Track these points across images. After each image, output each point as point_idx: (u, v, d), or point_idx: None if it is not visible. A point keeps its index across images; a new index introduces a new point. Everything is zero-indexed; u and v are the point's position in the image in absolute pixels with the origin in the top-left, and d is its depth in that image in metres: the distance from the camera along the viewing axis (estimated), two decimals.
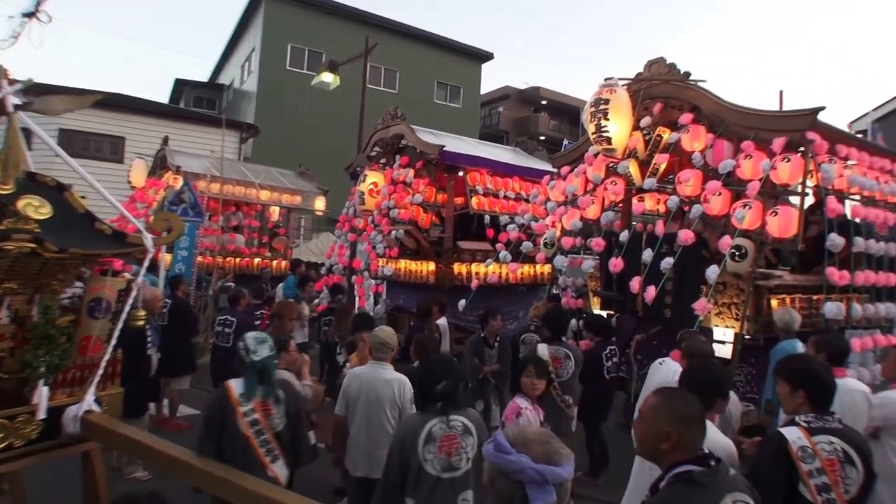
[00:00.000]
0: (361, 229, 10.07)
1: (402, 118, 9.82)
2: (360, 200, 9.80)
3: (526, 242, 7.13)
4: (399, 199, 9.28)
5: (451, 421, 3.03)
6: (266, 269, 12.25)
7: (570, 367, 5.13)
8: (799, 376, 2.76)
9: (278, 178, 13.73)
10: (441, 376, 3.08)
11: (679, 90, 6.31)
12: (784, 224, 5.11)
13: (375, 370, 4.08)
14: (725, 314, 5.71)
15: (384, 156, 10.40)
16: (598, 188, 7.04)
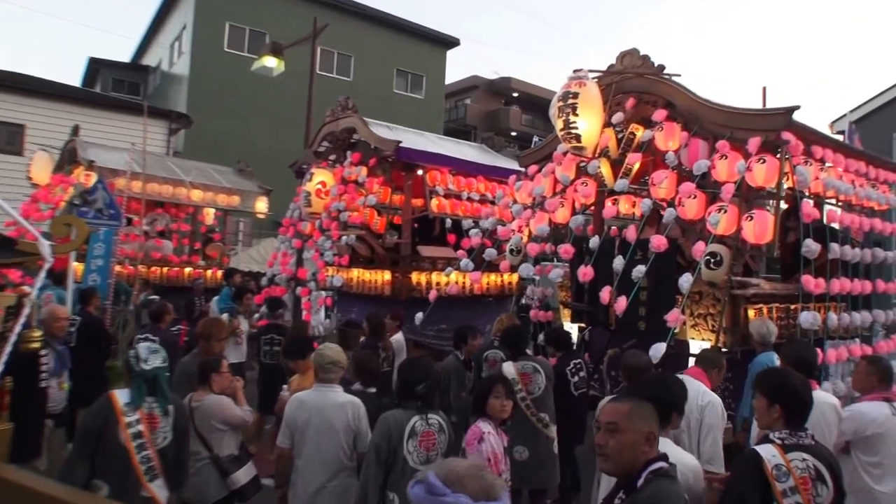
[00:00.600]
0: (308, 234, 10.12)
1: (353, 110, 9.93)
2: (307, 202, 9.86)
3: (489, 249, 7.34)
4: (350, 201, 9.38)
5: (430, 419, 3.79)
6: (199, 280, 12.17)
7: (540, 382, 5.33)
8: (777, 391, 3.00)
9: (213, 176, 13.68)
10: (422, 378, 3.86)
11: (652, 84, 6.64)
12: (760, 229, 5.46)
13: (324, 394, 4.12)
14: (701, 326, 6.04)
15: (334, 152, 10.48)
16: (567, 189, 7.31)
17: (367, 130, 9.59)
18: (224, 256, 14.06)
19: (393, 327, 7.61)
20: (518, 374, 5.31)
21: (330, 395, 4.14)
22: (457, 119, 37.93)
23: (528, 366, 5.39)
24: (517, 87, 38.70)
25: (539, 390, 5.34)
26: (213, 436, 4.30)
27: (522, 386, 5.28)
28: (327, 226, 9.45)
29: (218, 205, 13.50)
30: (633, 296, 5.78)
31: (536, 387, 5.34)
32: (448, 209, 9.76)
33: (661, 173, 6.27)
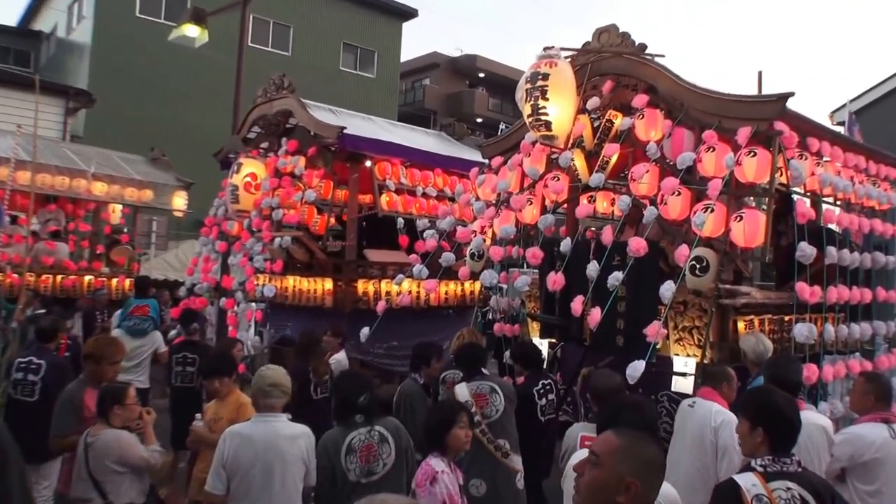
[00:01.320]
0: (235, 236, 10.11)
1: (290, 89, 9.94)
2: (234, 197, 9.85)
3: (447, 253, 7.42)
4: (285, 197, 9.39)
5: (373, 431, 4.26)
6: (101, 291, 12.02)
7: (498, 404, 5.40)
8: (759, 412, 3.15)
9: (120, 166, 13.46)
10: (362, 390, 4.33)
11: (633, 66, 6.83)
12: (750, 231, 5.66)
13: (271, 425, 4.17)
14: (686, 340, 6.23)
15: (266, 139, 10.46)
16: (536, 185, 7.43)
17: (305, 114, 9.60)
18: (133, 262, 13.82)
19: (334, 345, 7.66)
20: (472, 396, 5.39)
21: (277, 425, 4.18)
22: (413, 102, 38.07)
23: (483, 386, 5.47)
24: (484, 67, 39.06)
25: (496, 413, 5.41)
26: (109, 479, 4.19)
27: (477, 409, 5.35)
28: (258, 226, 9.44)
29: (126, 200, 13.24)
30: (610, 306, 5.91)
31: (493, 409, 5.41)
32: (400, 207, 9.82)
33: (642, 167, 6.42)
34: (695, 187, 6.16)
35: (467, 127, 33.10)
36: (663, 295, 5.64)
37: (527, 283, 7.04)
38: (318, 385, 6.66)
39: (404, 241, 9.85)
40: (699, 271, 5.73)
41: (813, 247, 5.65)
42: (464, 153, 11.11)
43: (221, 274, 10.61)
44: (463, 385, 5.49)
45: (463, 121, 35.64)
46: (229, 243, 10.38)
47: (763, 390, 3.53)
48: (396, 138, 10.38)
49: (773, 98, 5.88)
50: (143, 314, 8.30)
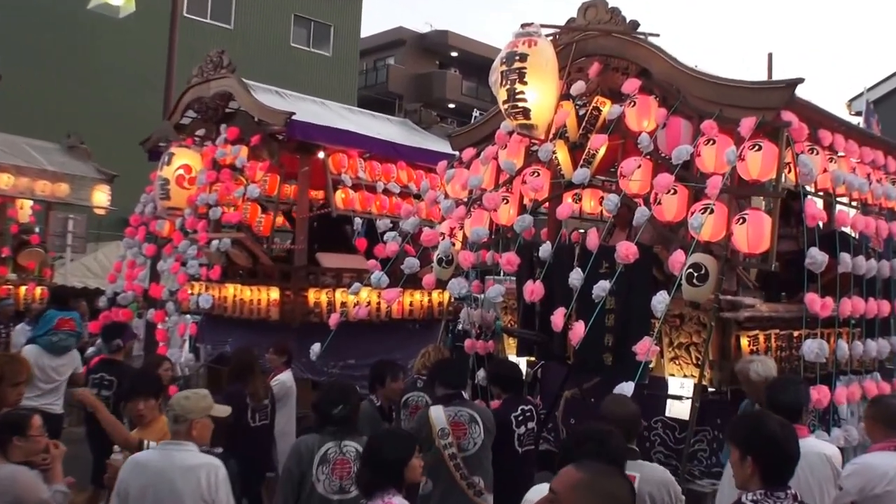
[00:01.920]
0: (165, 238, 10.04)
1: (230, 68, 9.88)
2: (164, 193, 9.77)
3: (411, 259, 7.41)
4: (225, 192, 9.35)
5: (345, 446, 4.57)
6: (6, 301, 11.91)
7: (477, 436, 5.40)
8: (749, 439, 3.19)
9: (30, 155, 13.28)
10: (338, 401, 4.65)
11: (623, 46, 6.85)
12: (754, 235, 5.70)
13: (170, 454, 4.21)
14: (682, 359, 6.24)
15: (203, 125, 10.40)
16: (513, 181, 7.43)
17: (248, 97, 9.54)
18: (45, 267, 13.68)
19: (277, 364, 7.64)
20: (450, 424, 5.37)
21: (177, 455, 4.19)
22: (375, 85, 38.02)
23: (463, 413, 5.46)
24: (456, 45, 39.11)
25: (474, 447, 5.41)
26: None
27: (454, 439, 5.34)
28: (192, 226, 9.39)
29: (37, 195, 13.12)
30: (596, 320, 5.91)
31: (471, 442, 5.41)
32: (358, 205, 9.81)
33: (633, 161, 6.43)
34: (692, 185, 6.18)
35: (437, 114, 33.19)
36: (656, 307, 5.66)
37: (501, 294, 7.02)
38: (256, 411, 6.62)
39: (362, 245, 9.87)
40: (697, 280, 5.74)
41: (824, 253, 5.70)
42: (431, 144, 11.11)
43: (149, 281, 10.57)
44: (440, 409, 5.46)
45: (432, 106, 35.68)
46: (159, 246, 10.28)
47: (755, 415, 3.63)
48: (354, 126, 10.34)
49: (781, 85, 5.93)
50: (71, 329, 8.18)
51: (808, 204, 5.94)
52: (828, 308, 5.89)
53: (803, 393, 4.69)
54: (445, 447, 5.35)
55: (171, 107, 10.95)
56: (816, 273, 5.73)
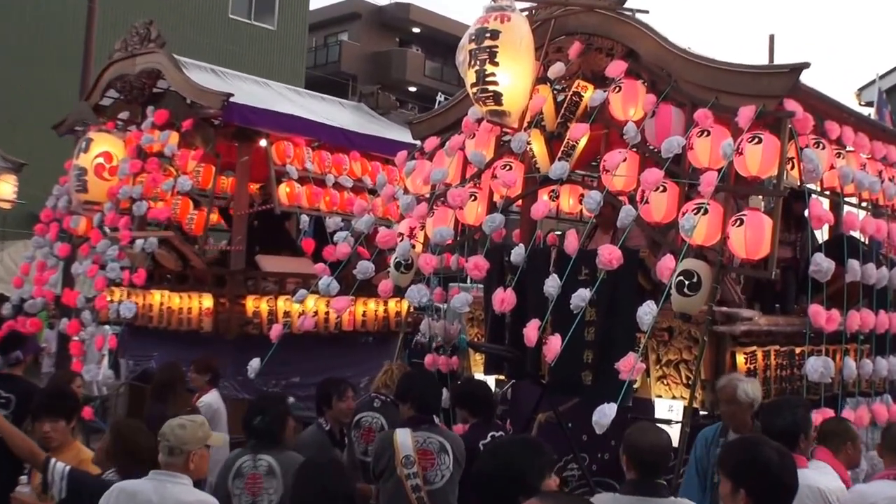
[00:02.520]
0: (81, 236, 9.94)
1: (159, 42, 9.80)
2: (81, 184, 9.66)
3: (364, 262, 7.37)
4: (151, 185, 9.25)
5: (258, 460, 4.82)
6: None
7: (445, 468, 5.33)
8: (742, 469, 3.21)
9: None
10: (259, 411, 4.97)
11: (608, 24, 6.88)
12: (753, 238, 5.72)
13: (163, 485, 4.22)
14: (671, 378, 6.29)
15: (126, 107, 10.34)
16: (482, 175, 7.43)
17: (179, 75, 9.48)
18: None
19: (202, 384, 7.53)
20: (416, 451, 5.30)
21: (171, 488, 4.22)
22: (326, 64, 37.85)
23: (432, 440, 5.37)
24: (419, 20, 39.06)
25: (441, 480, 5.32)
26: None
27: (419, 469, 5.28)
28: (113, 223, 9.23)
29: None
30: (574, 334, 5.91)
31: (438, 474, 5.32)
32: (305, 201, 9.81)
33: (618, 154, 6.44)
34: (684, 182, 6.23)
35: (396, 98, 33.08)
36: (642, 319, 5.64)
37: (468, 303, 7.01)
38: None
39: (309, 246, 9.80)
40: (688, 289, 5.75)
41: (831, 260, 5.74)
42: (389, 132, 11.14)
43: (63, 286, 10.45)
44: (407, 433, 5.38)
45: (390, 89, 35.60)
46: (74, 246, 10.17)
47: (748, 442, 3.58)
48: (301, 110, 10.35)
49: (784, 70, 5.98)
50: None
51: (812, 204, 6.03)
52: (834, 321, 5.93)
53: (802, 417, 4.69)
54: (409, 477, 5.26)
55: (89, 85, 10.82)
56: (822, 282, 5.77)
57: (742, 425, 5.13)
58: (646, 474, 4.07)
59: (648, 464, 4.07)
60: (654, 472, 4.09)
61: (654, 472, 4.10)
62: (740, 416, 5.17)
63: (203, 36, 23.75)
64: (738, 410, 5.18)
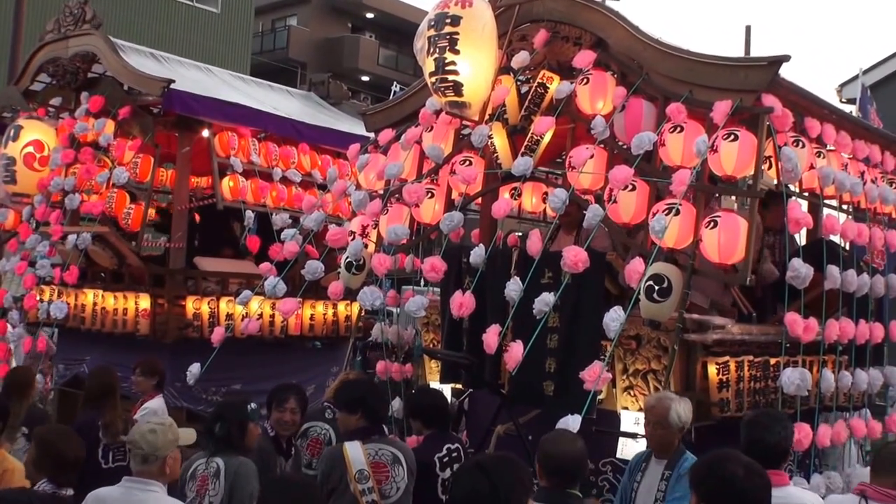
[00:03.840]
0: (9, 231, 9.86)
1: (95, 23, 9.68)
2: (9, 175, 9.59)
3: (313, 262, 7.30)
4: (85, 176, 9.16)
5: (210, 462, 5.03)
6: None
7: (400, 479, 5.33)
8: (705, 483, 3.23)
9: None
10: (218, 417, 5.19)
11: (576, 11, 6.80)
12: (727, 241, 5.66)
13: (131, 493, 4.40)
14: (639, 388, 6.22)
15: (59, 92, 10.24)
16: (440, 171, 7.35)
17: (116, 59, 9.37)
18: None
19: (147, 389, 7.38)
20: (369, 465, 5.27)
21: (140, 495, 4.38)
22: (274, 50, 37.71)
23: (385, 452, 5.37)
24: (373, 5, 39.01)
25: (397, 492, 5.33)
26: None
27: (374, 485, 5.26)
28: (44, 216, 9.18)
29: None
30: (537, 341, 5.86)
31: (394, 486, 5.33)
32: (250, 195, 9.77)
33: (584, 150, 6.38)
34: (655, 180, 6.17)
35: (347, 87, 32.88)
36: (609, 326, 5.60)
37: (423, 307, 6.89)
38: (110, 448, 6.39)
39: (254, 244, 9.73)
40: (658, 295, 5.66)
41: (809, 265, 5.70)
42: (341, 123, 11.12)
43: None
44: (357, 445, 5.33)
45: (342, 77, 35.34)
46: (1, 241, 10.11)
47: (717, 457, 3.53)
48: (247, 99, 10.30)
49: (762, 63, 5.93)
50: None
51: (791, 206, 5.95)
52: (812, 331, 5.90)
53: (791, 432, 4.69)
54: (364, 493, 5.25)
55: (18, 69, 10.66)
56: (799, 289, 5.74)
57: (666, 450, 5.02)
58: (557, 483, 4.22)
59: (560, 472, 4.23)
60: (566, 480, 4.23)
61: (567, 481, 4.23)
62: (667, 440, 5.03)
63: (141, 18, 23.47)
64: (667, 434, 5.03)
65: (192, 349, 8.26)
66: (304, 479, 5.28)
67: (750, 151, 5.77)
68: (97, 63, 9.73)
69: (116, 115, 9.22)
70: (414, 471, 5.43)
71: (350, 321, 10.03)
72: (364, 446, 5.32)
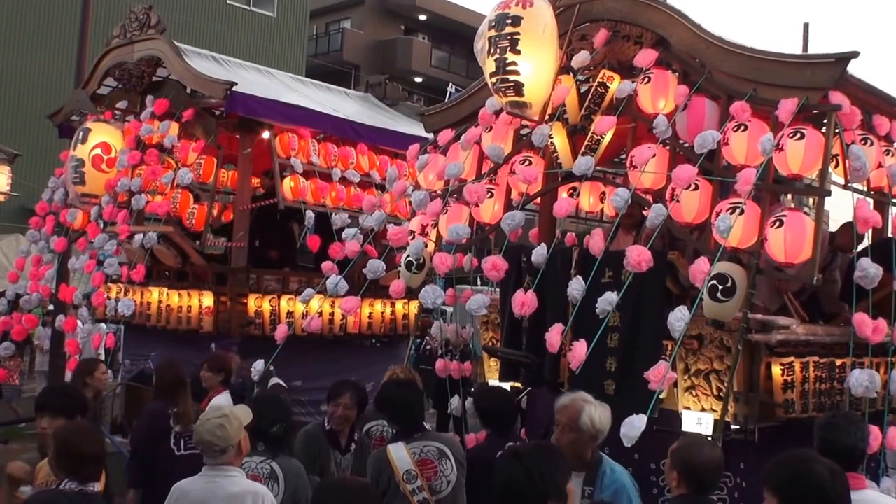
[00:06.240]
0: (78, 230, 9.90)
1: (159, 28, 9.77)
2: (78, 176, 9.64)
3: (374, 261, 7.23)
4: (151, 177, 9.21)
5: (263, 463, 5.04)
6: None
7: (449, 473, 5.30)
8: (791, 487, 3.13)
9: None
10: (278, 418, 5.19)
11: (637, 9, 6.69)
12: (794, 241, 5.54)
13: (213, 481, 4.57)
14: (701, 388, 6.08)
15: (125, 96, 10.31)
16: (500, 170, 7.28)
17: (180, 63, 9.45)
18: None
19: (215, 384, 7.37)
20: (416, 464, 5.24)
21: (221, 482, 4.56)
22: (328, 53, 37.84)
23: (430, 448, 5.34)
24: (426, 6, 39.01)
25: (447, 487, 5.29)
26: None
27: (423, 481, 5.23)
28: (111, 216, 9.18)
29: None
30: (599, 340, 5.78)
31: (444, 481, 5.29)
32: (310, 196, 9.75)
33: (646, 150, 6.30)
34: (719, 179, 6.06)
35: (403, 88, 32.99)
36: (673, 326, 5.50)
37: (484, 305, 6.80)
38: (181, 436, 6.46)
39: (314, 244, 9.68)
40: (722, 294, 5.56)
41: (877, 265, 5.56)
42: (399, 124, 11.13)
43: (58, 282, 10.39)
44: (400, 446, 5.31)
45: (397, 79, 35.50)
46: (70, 240, 10.10)
47: (798, 459, 3.45)
48: (307, 101, 10.31)
49: (829, 59, 5.79)
50: None
51: (858, 205, 5.85)
52: (881, 332, 5.72)
53: (867, 434, 4.54)
54: (414, 492, 5.23)
55: (85, 73, 10.77)
56: (868, 289, 5.60)
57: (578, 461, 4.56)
58: (698, 490, 4.07)
59: (702, 480, 4.07)
60: (706, 487, 4.11)
61: (706, 488, 4.12)
62: (579, 448, 4.65)
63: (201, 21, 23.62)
64: (577, 440, 4.65)
65: (256, 346, 8.43)
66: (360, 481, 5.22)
67: (817, 150, 5.65)
68: (161, 67, 9.81)
69: (180, 117, 9.28)
70: (463, 462, 5.43)
71: (408, 319, 10.07)
72: (408, 446, 5.31)
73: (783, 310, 6.49)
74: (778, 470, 3.33)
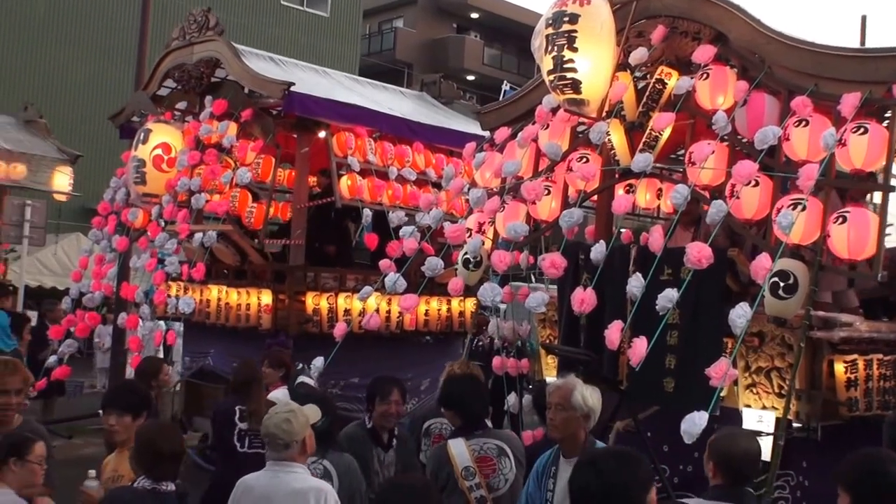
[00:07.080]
0: (139, 229, 10.01)
1: (217, 30, 9.85)
2: (139, 176, 9.76)
3: (432, 258, 7.23)
4: (210, 176, 9.29)
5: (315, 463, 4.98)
6: None
7: (507, 471, 5.29)
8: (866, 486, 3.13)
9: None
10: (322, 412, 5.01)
11: (695, 5, 6.65)
12: (857, 237, 5.48)
13: (276, 476, 4.58)
14: (762, 386, 6.03)
15: (184, 97, 10.43)
16: (557, 168, 7.27)
17: (238, 64, 9.51)
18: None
19: (274, 380, 7.43)
20: (475, 460, 5.25)
21: (284, 477, 4.57)
22: (381, 52, 37.97)
23: (490, 445, 5.34)
24: (478, 5, 38.97)
25: (506, 484, 5.29)
26: None
27: (482, 478, 5.23)
28: (171, 215, 9.32)
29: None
30: (658, 338, 5.73)
31: (502, 479, 5.29)
32: (367, 194, 9.75)
33: (705, 146, 6.26)
34: (780, 175, 6.01)
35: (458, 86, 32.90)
36: (735, 323, 5.43)
37: (543, 303, 6.81)
38: (248, 434, 6.50)
39: (371, 242, 9.69)
40: (783, 291, 5.53)
41: None
42: (455, 122, 11.10)
43: (120, 281, 10.47)
44: (461, 442, 5.32)
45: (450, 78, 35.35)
46: (131, 239, 10.21)
47: (874, 458, 3.43)
48: (363, 100, 10.31)
49: (893, 53, 5.72)
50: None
51: None
52: None
53: None
54: (472, 489, 5.25)
55: (145, 75, 10.90)
56: None
57: (573, 443, 4.67)
58: (735, 481, 4.10)
59: (738, 471, 4.11)
60: (743, 478, 4.14)
61: (743, 479, 4.14)
62: (572, 428, 4.70)
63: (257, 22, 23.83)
64: (570, 418, 4.69)
65: (313, 343, 8.50)
66: (423, 479, 5.24)
67: (881, 144, 5.59)
68: (220, 68, 9.90)
69: (239, 117, 9.34)
70: (523, 461, 5.41)
71: (463, 316, 10.06)
72: (467, 443, 5.31)
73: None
74: (852, 467, 3.32)
